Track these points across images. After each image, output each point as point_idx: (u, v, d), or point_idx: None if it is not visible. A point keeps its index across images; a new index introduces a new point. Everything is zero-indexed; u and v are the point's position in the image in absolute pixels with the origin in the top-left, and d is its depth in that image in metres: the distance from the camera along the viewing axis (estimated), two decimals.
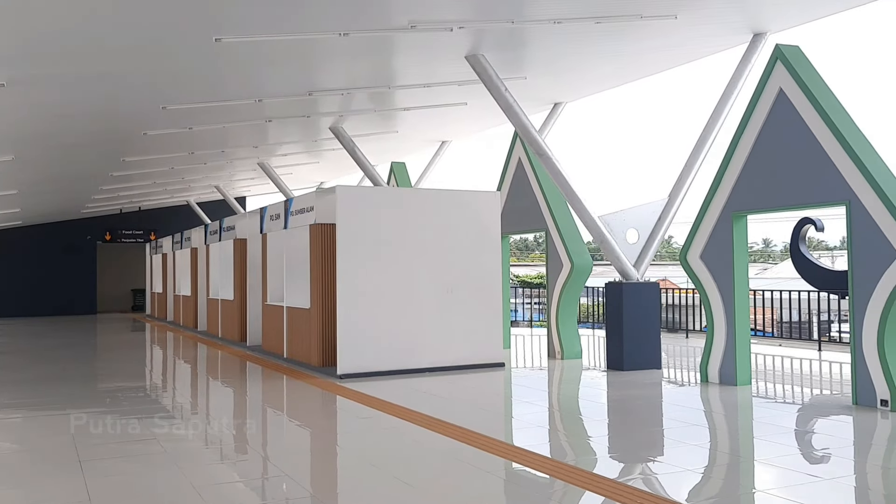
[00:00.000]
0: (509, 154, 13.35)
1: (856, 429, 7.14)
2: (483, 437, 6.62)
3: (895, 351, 7.54)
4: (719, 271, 9.33)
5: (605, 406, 8.79)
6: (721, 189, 9.27)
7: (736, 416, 7.92)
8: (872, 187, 7.56)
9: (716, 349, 9.39)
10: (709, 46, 11.69)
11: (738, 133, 9.02)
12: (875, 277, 7.56)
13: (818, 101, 8.09)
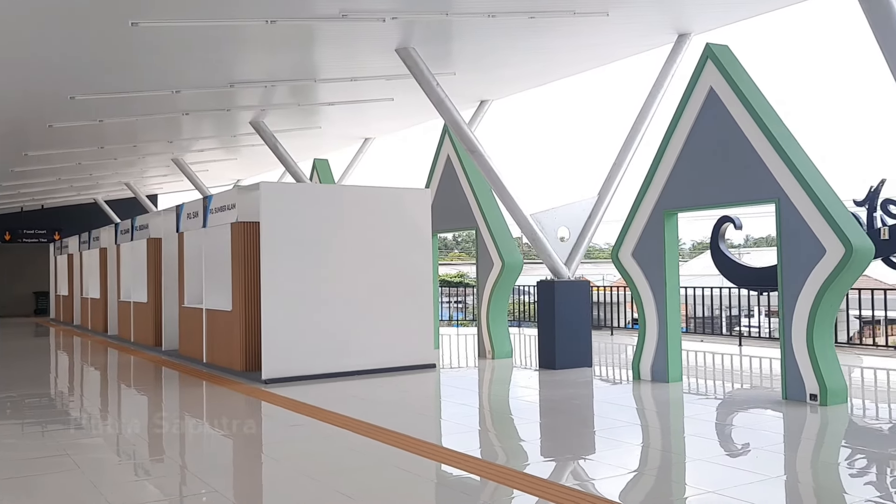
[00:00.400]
0: (438, 150, 13.13)
1: (786, 424, 7.21)
2: (415, 440, 6.42)
3: (824, 346, 7.67)
4: (651, 269, 9.35)
5: (537, 406, 8.66)
6: (652, 187, 9.28)
7: (668, 414, 7.92)
8: (801, 185, 7.67)
9: (647, 346, 9.40)
10: (636, 45, 11.77)
11: (669, 131, 9.05)
12: (804, 274, 7.68)
13: (748, 100, 8.17)
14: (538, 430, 7.32)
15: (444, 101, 10.52)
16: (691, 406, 8.22)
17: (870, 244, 7.49)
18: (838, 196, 7.75)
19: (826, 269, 7.46)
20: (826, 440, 6.79)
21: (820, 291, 7.53)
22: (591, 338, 10.99)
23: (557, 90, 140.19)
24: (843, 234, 7.33)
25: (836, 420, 7.20)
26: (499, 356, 11.88)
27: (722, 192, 8.53)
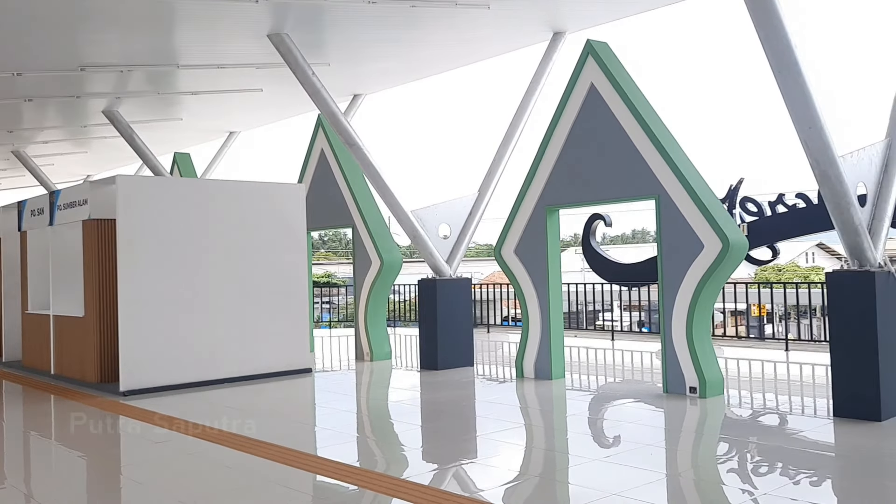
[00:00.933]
0: (311, 144, 12.56)
1: (667, 417, 7.27)
2: (293, 452, 6.02)
3: (702, 339, 7.82)
4: (533, 266, 9.27)
5: (418, 409, 8.36)
6: (535, 184, 9.20)
7: (552, 412, 7.82)
8: (680, 182, 7.78)
9: (531, 344, 9.32)
10: (513, 42, 11.70)
11: (551, 128, 8.99)
12: (683, 268, 7.79)
13: (628, 98, 8.22)
14: (419, 434, 7.04)
15: (321, 92, 10.01)
16: (576, 403, 8.18)
17: (744, 239, 7.70)
18: (714, 193, 7.92)
19: (704, 263, 7.59)
20: (706, 433, 6.86)
21: (699, 286, 7.66)
22: (473, 337, 10.82)
23: (436, 85, 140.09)
24: (721, 230, 7.48)
25: (716, 412, 7.33)
26: (378, 358, 11.49)
27: (603, 189, 8.55)
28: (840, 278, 6.60)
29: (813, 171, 6.31)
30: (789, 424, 6.89)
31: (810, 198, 12.41)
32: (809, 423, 6.72)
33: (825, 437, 6.24)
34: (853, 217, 6.34)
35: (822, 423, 6.58)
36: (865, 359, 6.38)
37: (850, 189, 6.33)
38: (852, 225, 6.37)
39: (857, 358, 6.43)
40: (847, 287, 6.53)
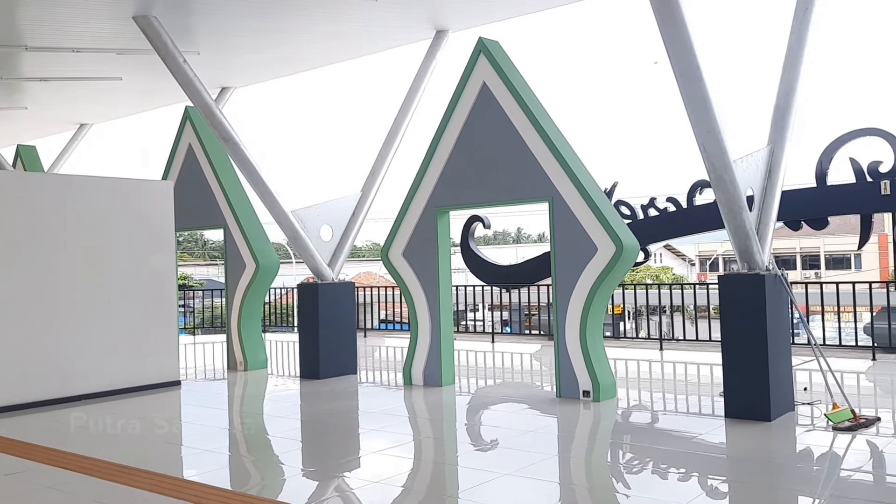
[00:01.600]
0: (177, 139, 11.66)
1: (560, 423, 7.16)
2: (153, 475, 5.46)
3: (596, 342, 7.80)
4: (423, 269, 8.97)
5: (298, 422, 7.79)
6: (424, 184, 8.91)
7: (443, 421, 7.53)
8: (574, 184, 7.73)
9: (420, 350, 9.02)
10: (395, 38, 11.37)
11: (442, 127, 8.73)
12: (576, 271, 7.74)
13: (521, 98, 8.09)
14: (300, 450, 6.55)
15: (193, 82, 9.26)
16: (468, 412, 7.95)
17: (636, 242, 7.74)
18: (606, 196, 7.92)
19: (598, 266, 7.57)
20: (600, 438, 6.78)
21: (592, 289, 7.63)
22: (357, 343, 10.38)
23: (318, 80, 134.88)
24: (615, 233, 7.48)
25: (611, 416, 7.31)
26: (252, 367, 10.81)
27: (496, 191, 8.38)
28: (731, 281, 6.74)
29: (708, 175, 6.39)
30: (683, 427, 6.94)
31: (680, 202, 12.89)
32: (703, 425, 6.80)
33: (718, 439, 6.30)
34: (745, 221, 6.47)
35: (715, 425, 6.66)
36: (756, 360, 6.53)
37: (742, 194, 6.45)
38: (744, 229, 6.50)
39: (748, 359, 6.58)
40: (738, 290, 6.67)
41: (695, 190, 12.49)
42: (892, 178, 10.56)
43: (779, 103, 7.31)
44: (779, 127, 7.23)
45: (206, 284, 33.40)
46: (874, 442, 5.90)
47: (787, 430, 6.40)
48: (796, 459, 5.74)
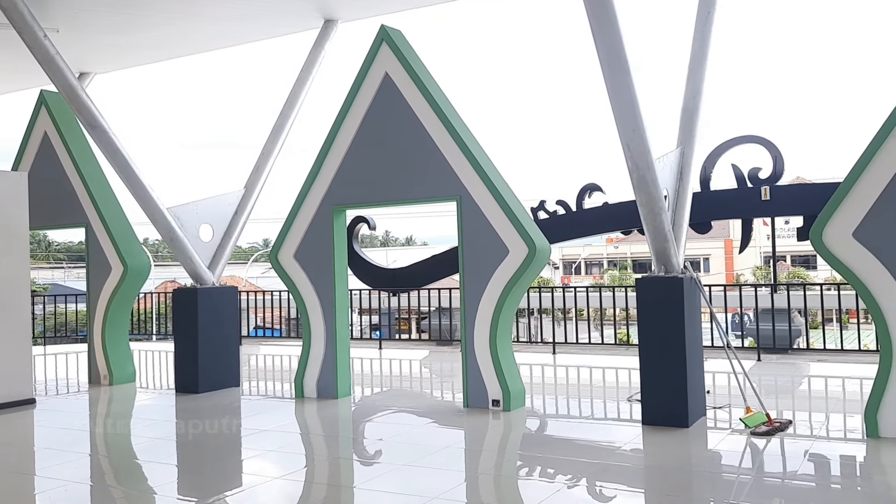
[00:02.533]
0: (30, 126, 10.35)
1: (470, 435, 6.74)
2: None
3: (506, 349, 7.46)
4: (317, 272, 8.33)
5: (173, 443, 6.93)
6: (319, 181, 8.28)
7: (339, 437, 6.93)
8: (484, 183, 7.36)
9: (313, 359, 8.36)
10: (280, 27, 10.62)
11: (339, 120, 8.14)
12: (487, 274, 7.37)
13: (427, 91, 7.64)
14: (175, 478, 5.74)
15: (55, 60, 8.16)
16: (369, 426, 7.35)
17: (548, 244, 7.47)
18: (516, 196, 7.61)
19: (510, 269, 7.24)
20: (510, 450, 6.39)
21: (504, 292, 7.29)
22: (240, 352, 9.56)
23: (200, 70, 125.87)
24: (527, 234, 7.17)
25: (522, 425, 6.98)
26: (119, 381, 9.72)
27: (399, 189, 7.88)
28: (649, 284, 6.57)
29: (630, 176, 6.19)
30: (599, 436, 6.70)
31: (569, 205, 12.86)
32: (620, 433, 6.60)
33: (636, 448, 6.09)
34: (664, 223, 6.32)
35: (632, 434, 6.45)
36: (674, 365, 6.39)
37: (662, 195, 6.30)
38: (663, 231, 6.35)
39: (666, 364, 6.43)
40: (656, 293, 6.52)
41: (584, 193, 12.48)
42: (772, 184, 10.92)
43: (686, 106, 7.26)
44: (687, 129, 7.17)
45: (52, 290, 30.71)
46: (795, 445, 5.87)
47: (705, 437, 6.28)
48: (720, 467, 5.58)
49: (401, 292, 14.04)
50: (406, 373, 11.03)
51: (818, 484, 4.83)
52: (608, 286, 19.18)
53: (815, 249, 6.03)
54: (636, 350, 11.67)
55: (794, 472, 5.33)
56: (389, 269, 14.18)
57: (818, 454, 5.65)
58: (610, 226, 12.25)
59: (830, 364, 10.07)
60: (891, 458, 5.40)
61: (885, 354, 5.79)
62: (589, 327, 15.74)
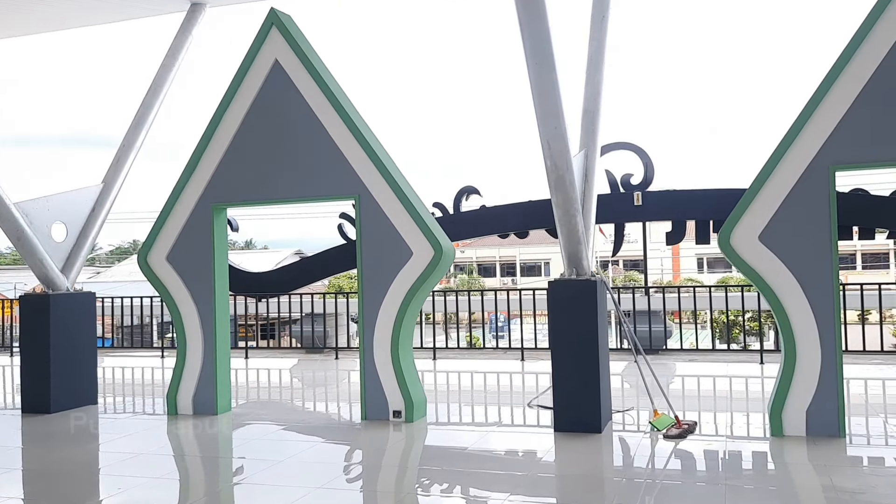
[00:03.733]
0: None
1: (368, 449, 6.30)
2: None
3: (408, 357, 7.08)
4: (194, 276, 7.56)
5: (19, 473, 5.90)
6: (197, 176, 7.52)
7: (218, 459, 6.23)
8: (387, 181, 6.95)
9: (189, 372, 7.58)
10: (144, 7, 9.67)
11: (221, 110, 7.43)
12: (388, 278, 6.96)
13: (323, 80, 7.13)
14: None
15: None
16: (256, 445, 6.63)
17: (453, 247, 7.17)
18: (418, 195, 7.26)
19: (413, 272, 6.87)
20: (414, 464, 6.00)
21: (407, 297, 6.91)
22: (97, 366, 8.52)
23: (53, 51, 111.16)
24: (433, 236, 6.84)
25: (426, 437, 6.61)
26: None
27: (290, 186, 7.29)
28: (562, 287, 6.43)
29: (548, 177, 6.01)
30: (510, 444, 6.46)
31: (446, 207, 12.67)
32: (531, 441, 6.40)
33: (548, 455, 5.90)
34: (578, 225, 6.20)
35: (543, 441, 6.27)
36: (588, 369, 6.29)
37: (578, 196, 6.18)
38: (577, 233, 6.23)
39: (579, 369, 6.31)
40: (569, 295, 6.38)
41: (461, 196, 12.33)
42: (644, 190, 11.25)
43: (587, 108, 7.21)
44: (590, 131, 7.12)
45: None
46: (704, 447, 5.91)
47: (618, 442, 6.21)
48: (636, 473, 5.44)
49: (268, 297, 13.24)
50: (285, 383, 10.37)
51: (731, 485, 4.82)
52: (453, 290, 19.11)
53: (723, 252, 6.13)
54: (516, 354, 11.78)
55: (705, 473, 5.33)
56: (252, 272, 13.35)
57: (728, 454, 5.70)
58: (488, 229, 12.16)
59: (701, 364, 10.48)
60: (795, 455, 5.55)
61: (788, 355, 5.97)
62: (434, 331, 15.50)
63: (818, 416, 5.89)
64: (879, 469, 5.14)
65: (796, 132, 5.90)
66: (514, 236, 12.07)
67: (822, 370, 5.88)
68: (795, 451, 5.62)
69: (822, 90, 5.82)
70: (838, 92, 5.78)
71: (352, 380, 10.47)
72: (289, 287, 12.93)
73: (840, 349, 5.87)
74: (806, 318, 5.92)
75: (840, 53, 5.77)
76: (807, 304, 5.91)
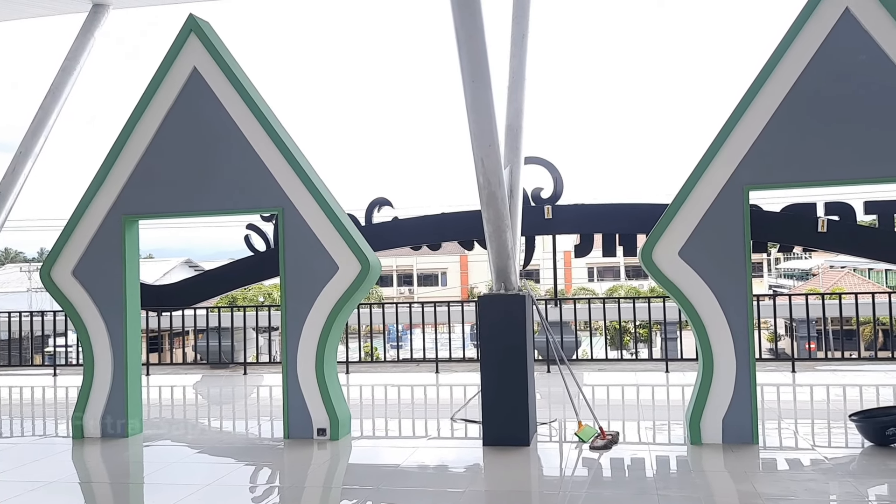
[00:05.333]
0: None
1: (291, 469, 6.10)
2: None
3: (332, 374, 6.95)
4: (102, 291, 7.18)
5: None
6: (108, 186, 7.16)
7: (128, 486, 5.92)
8: (311, 194, 6.82)
9: (97, 392, 7.17)
10: (43, 5, 9.17)
11: (135, 117, 7.10)
12: (313, 293, 6.82)
13: (244, 89, 6.93)
14: None
15: None
16: (171, 468, 6.22)
17: (379, 261, 7.11)
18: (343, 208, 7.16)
19: (340, 287, 6.76)
20: (335, 483, 5.89)
21: (332, 313, 6.79)
22: None
23: None
24: (359, 249, 6.76)
25: (351, 455, 6.50)
26: None
27: (208, 197, 7.04)
28: (491, 302, 6.48)
29: (480, 192, 6.06)
30: (437, 459, 6.41)
31: (358, 219, 12.55)
32: (460, 456, 6.40)
33: (476, 470, 5.92)
34: (508, 240, 6.29)
35: (472, 456, 6.29)
36: (517, 383, 6.36)
37: (508, 212, 6.26)
38: (506, 248, 6.31)
39: (509, 382, 6.37)
40: (499, 310, 6.44)
41: (373, 207, 12.25)
42: (553, 204, 11.52)
43: (510, 124, 7.35)
44: (513, 147, 7.25)
45: None
46: (628, 456, 6.09)
47: (546, 455, 6.31)
48: (565, 485, 5.54)
49: (172, 311, 12.72)
50: (195, 401, 9.97)
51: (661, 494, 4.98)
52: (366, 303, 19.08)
53: (645, 267, 6.35)
54: (430, 366, 11.77)
55: (635, 483, 5.47)
56: (151, 285, 12.78)
57: (651, 463, 5.88)
58: (401, 241, 12.13)
59: (611, 373, 10.81)
60: (712, 463, 5.80)
61: (706, 366, 6.24)
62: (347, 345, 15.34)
63: (734, 424, 6.18)
64: (797, 474, 5.44)
65: (713, 154, 6.20)
66: (426, 248, 12.09)
67: (737, 379, 6.18)
68: (714, 458, 5.86)
69: (737, 114, 6.14)
70: (751, 116, 6.12)
71: (264, 396, 10.20)
72: (193, 300, 12.45)
73: (753, 358, 6.19)
74: (722, 329, 6.21)
75: (753, 79, 6.12)
76: (723, 317, 6.20)
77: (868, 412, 6.40)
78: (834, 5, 5.99)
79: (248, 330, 13.54)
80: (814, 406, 8.35)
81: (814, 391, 9.18)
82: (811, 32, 6.03)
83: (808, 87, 6.03)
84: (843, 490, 5.00)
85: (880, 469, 5.49)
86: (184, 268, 44.15)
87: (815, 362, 12.02)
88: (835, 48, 6.00)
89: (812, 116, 6.03)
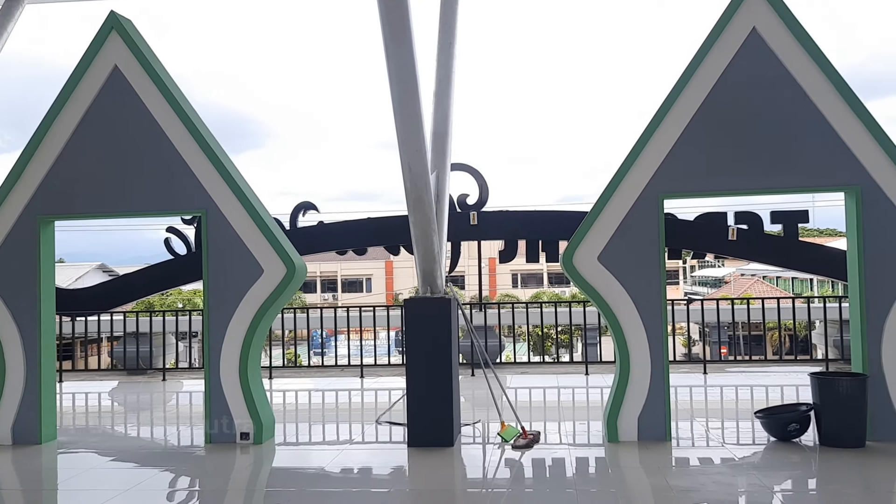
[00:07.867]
0: None
1: (214, 474, 6.03)
2: None
3: (256, 377, 6.90)
4: (14, 295, 6.97)
5: None
6: (21, 186, 6.96)
7: (43, 488, 5.79)
8: (236, 195, 6.77)
9: (8, 399, 6.96)
10: None
11: (51, 116, 6.94)
12: (237, 296, 6.77)
13: (167, 89, 6.84)
14: None
15: None
16: (87, 475, 6.06)
17: (305, 264, 7.10)
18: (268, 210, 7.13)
19: (265, 290, 6.73)
20: (259, 487, 5.86)
21: (257, 316, 6.75)
22: None
23: None
24: (285, 253, 6.74)
25: (273, 458, 6.46)
26: None
27: (128, 198, 6.90)
28: (418, 304, 6.57)
29: (407, 198, 6.13)
30: (363, 460, 6.45)
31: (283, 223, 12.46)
32: (384, 458, 6.45)
33: (400, 472, 5.97)
34: (435, 244, 6.38)
35: (397, 458, 6.36)
36: (442, 385, 6.46)
37: (435, 216, 6.36)
38: (433, 252, 6.41)
39: (434, 384, 6.46)
40: (424, 313, 6.53)
41: (298, 212, 12.18)
42: (479, 210, 11.70)
43: (437, 130, 7.45)
44: (440, 153, 7.35)
45: None
46: (548, 455, 6.26)
47: (470, 455, 6.42)
48: (487, 484, 5.67)
49: (87, 315, 12.31)
50: (111, 408, 9.68)
51: (580, 490, 5.18)
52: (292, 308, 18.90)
53: (565, 271, 6.56)
54: (355, 371, 11.76)
55: (554, 480, 5.64)
56: (62, 289, 12.37)
57: (571, 461, 6.07)
58: (326, 245, 12.09)
59: (533, 376, 11.03)
60: (628, 459, 6.03)
61: (623, 367, 6.48)
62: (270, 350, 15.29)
63: (648, 422, 6.43)
64: (707, 468, 5.71)
65: (630, 163, 6.46)
66: (352, 252, 12.10)
67: (651, 379, 6.44)
68: (630, 455, 6.10)
69: (652, 125, 6.42)
70: (666, 127, 6.41)
71: (184, 402, 10.00)
72: (110, 304, 12.10)
73: (667, 359, 6.46)
74: (638, 331, 6.46)
75: (668, 92, 6.41)
76: (639, 319, 6.46)
77: (772, 409, 6.76)
78: (742, 25, 6.35)
79: (168, 335, 13.23)
80: (723, 405, 8.74)
81: (723, 391, 9.60)
82: (721, 49, 6.36)
83: (718, 100, 6.37)
84: (748, 482, 5.28)
85: (783, 462, 5.82)
86: (97, 272, 42.64)
87: (726, 364, 12.54)
88: (743, 65, 6.36)
89: (722, 129, 6.37)
